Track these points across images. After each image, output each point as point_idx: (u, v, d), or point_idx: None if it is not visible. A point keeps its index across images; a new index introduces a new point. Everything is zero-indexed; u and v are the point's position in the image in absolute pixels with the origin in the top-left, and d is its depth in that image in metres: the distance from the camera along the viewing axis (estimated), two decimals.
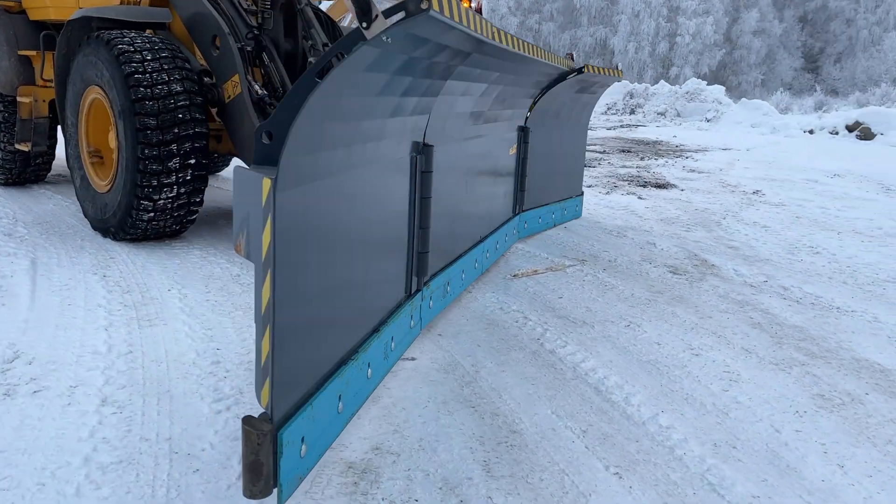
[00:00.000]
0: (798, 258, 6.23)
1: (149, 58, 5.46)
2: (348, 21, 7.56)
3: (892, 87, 48.92)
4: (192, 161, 5.50)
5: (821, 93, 52.48)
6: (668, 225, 7.46)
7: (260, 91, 5.65)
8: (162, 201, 5.47)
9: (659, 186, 9.93)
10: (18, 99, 7.46)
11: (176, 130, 5.38)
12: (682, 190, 9.71)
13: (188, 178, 5.51)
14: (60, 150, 7.10)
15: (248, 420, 2.18)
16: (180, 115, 5.40)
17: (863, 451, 3.01)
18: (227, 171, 9.54)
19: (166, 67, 5.49)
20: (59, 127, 7.26)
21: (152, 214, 5.52)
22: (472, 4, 6.98)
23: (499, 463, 2.81)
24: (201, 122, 5.59)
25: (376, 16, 2.28)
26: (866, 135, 17.58)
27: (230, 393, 3.29)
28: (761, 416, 3.28)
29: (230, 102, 5.78)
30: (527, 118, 6.01)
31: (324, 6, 7.40)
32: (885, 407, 3.42)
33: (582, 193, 7.57)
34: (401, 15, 2.28)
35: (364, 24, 2.30)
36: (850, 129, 17.95)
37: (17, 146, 7.54)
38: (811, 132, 18.39)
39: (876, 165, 12.13)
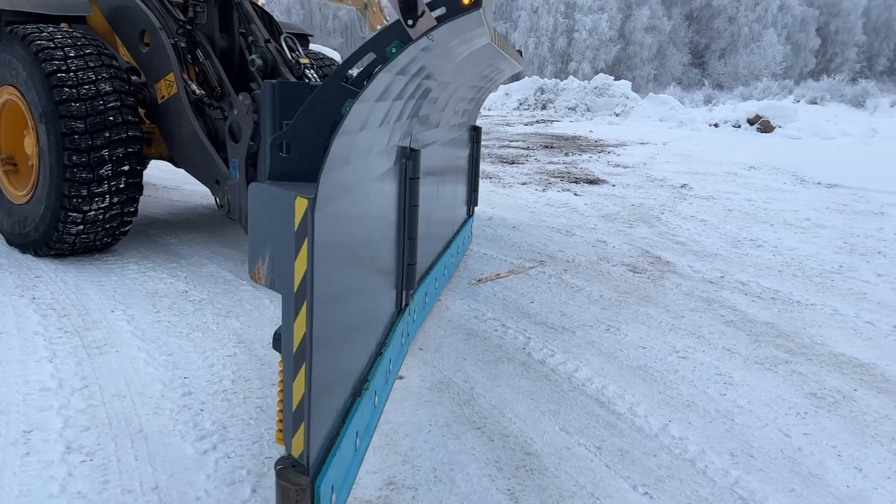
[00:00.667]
0: (744, 251, 6.35)
1: (72, 55, 4.97)
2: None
3: (772, 81, 51.85)
4: (126, 168, 5.05)
5: (709, 87, 54.98)
6: (611, 221, 7.48)
7: (198, 91, 5.25)
8: (93, 212, 4.99)
9: (591, 182, 9.99)
10: None
11: (107, 134, 4.91)
12: (614, 185, 9.81)
13: (121, 186, 5.05)
14: None
15: (283, 474, 1.91)
16: (111, 118, 4.94)
17: (873, 451, 3.01)
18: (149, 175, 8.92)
19: (92, 65, 5.01)
20: None
21: (81, 227, 5.03)
22: None
23: (524, 491, 2.63)
24: (134, 125, 5.14)
25: (422, 12, 2.04)
26: (766, 127, 18.42)
27: (212, 428, 2.97)
28: (766, 421, 3.24)
29: (164, 103, 5.35)
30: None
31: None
32: (877, 403, 3.45)
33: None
34: (441, 11, 2.06)
35: (409, 22, 2.05)
36: (751, 122, 18.76)
37: None
38: (716, 125, 19.11)
39: (784, 157, 12.66)
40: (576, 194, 9.02)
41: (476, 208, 6.22)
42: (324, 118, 2.18)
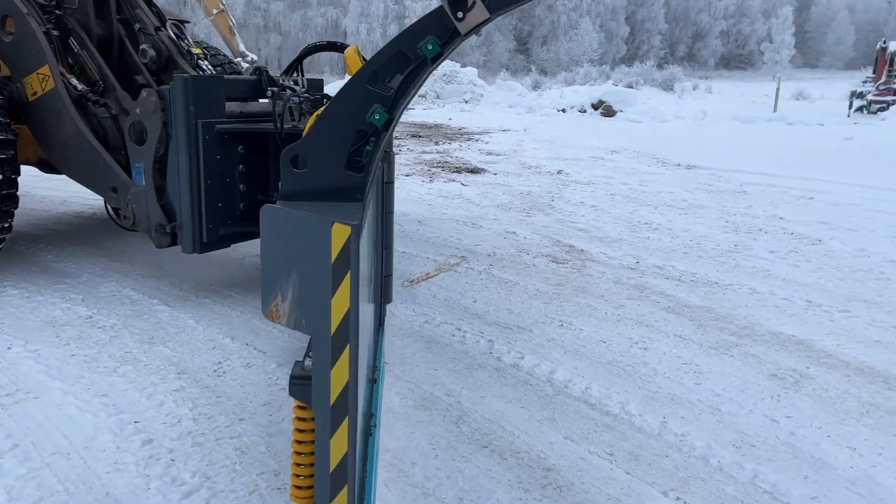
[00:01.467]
0: (644, 235, 6.56)
1: None
2: None
3: (591, 67, 54.86)
4: None
5: (535, 73, 57.31)
6: (508, 211, 7.48)
7: (79, 86, 4.60)
8: None
9: (472, 171, 9.98)
10: None
11: None
12: (495, 174, 9.85)
13: None
14: None
15: None
16: None
17: (853, 429, 3.15)
18: None
19: None
20: None
21: None
22: None
23: None
24: (4, 128, 4.43)
25: (473, 4, 1.79)
26: (609, 112, 19.40)
27: (195, 482, 2.58)
28: (748, 407, 3.30)
29: (37, 100, 4.66)
30: None
31: None
32: (832, 379, 3.64)
33: None
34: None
35: (459, 15, 1.79)
36: (595, 107, 19.68)
37: None
38: (563, 111, 19.87)
39: (638, 141, 13.35)
40: (463, 184, 8.96)
41: None
42: (346, 126, 1.88)
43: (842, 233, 6.70)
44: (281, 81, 4.32)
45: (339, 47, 4.43)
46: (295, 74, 4.59)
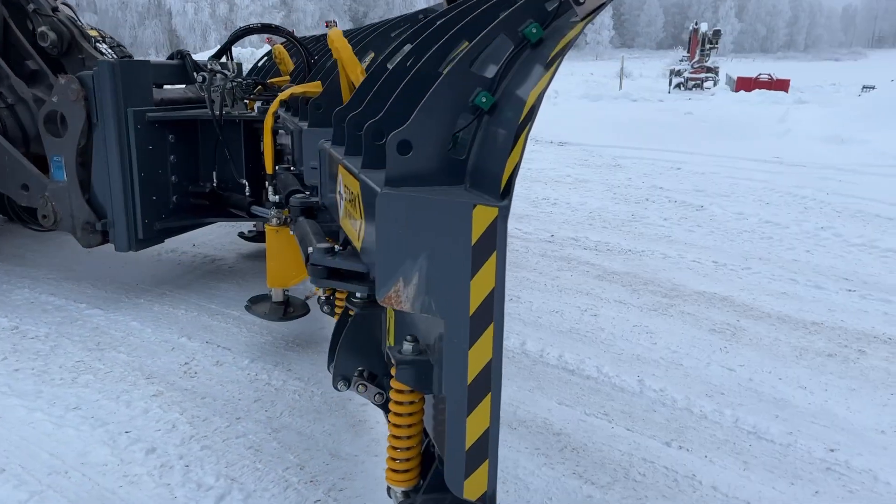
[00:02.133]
0: (547, 210, 6.86)
1: None
2: None
3: None
4: None
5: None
6: None
7: None
8: None
9: None
10: None
11: None
12: None
13: None
14: None
15: None
16: None
17: (796, 370, 3.53)
18: None
19: None
20: None
21: None
22: None
23: (587, 471, 2.65)
24: None
25: None
26: None
27: (222, 484, 2.48)
28: (704, 361, 3.61)
29: None
30: None
31: None
32: (762, 329, 4.04)
33: None
34: None
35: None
36: None
37: None
38: None
39: None
40: None
41: None
42: (451, 110, 1.84)
43: (717, 199, 7.35)
44: (210, 66, 4.11)
45: (274, 30, 4.29)
46: (224, 58, 4.39)
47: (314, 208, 2.88)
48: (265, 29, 4.31)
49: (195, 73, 4.18)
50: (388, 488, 1.97)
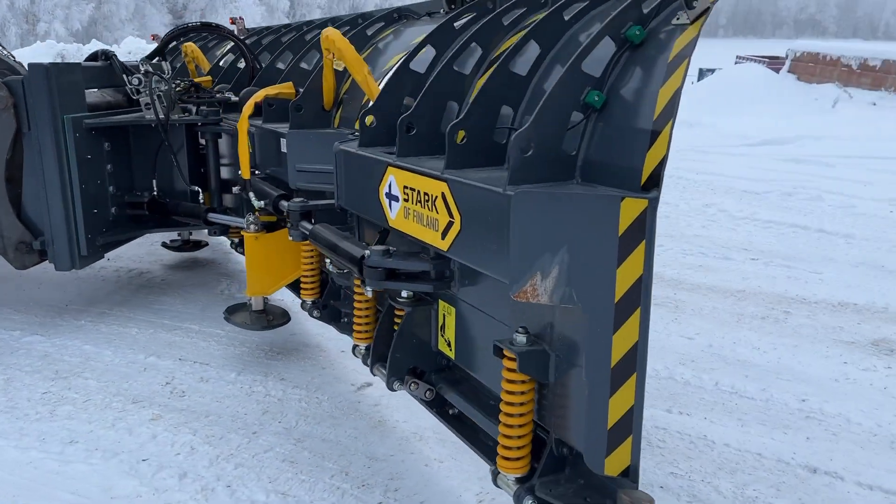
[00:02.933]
0: None
1: None
2: None
3: None
4: None
5: None
6: None
7: None
8: None
9: None
10: None
11: None
12: None
13: None
14: None
15: (630, 497, 1.78)
16: None
17: (742, 334, 3.91)
18: None
19: None
20: None
21: None
22: None
23: None
24: None
25: None
26: None
27: (275, 499, 2.42)
28: (664, 332, 3.91)
29: None
30: None
31: None
32: (698, 299, 4.42)
33: None
34: None
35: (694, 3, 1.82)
36: None
37: None
38: None
39: None
40: None
41: None
42: (567, 110, 1.91)
43: None
44: (143, 67, 3.86)
45: (214, 28, 4.09)
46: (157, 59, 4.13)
47: (326, 211, 2.85)
48: (205, 28, 4.10)
49: (126, 76, 3.92)
50: (496, 477, 2.03)
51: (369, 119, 2.51)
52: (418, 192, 2.13)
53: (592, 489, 1.93)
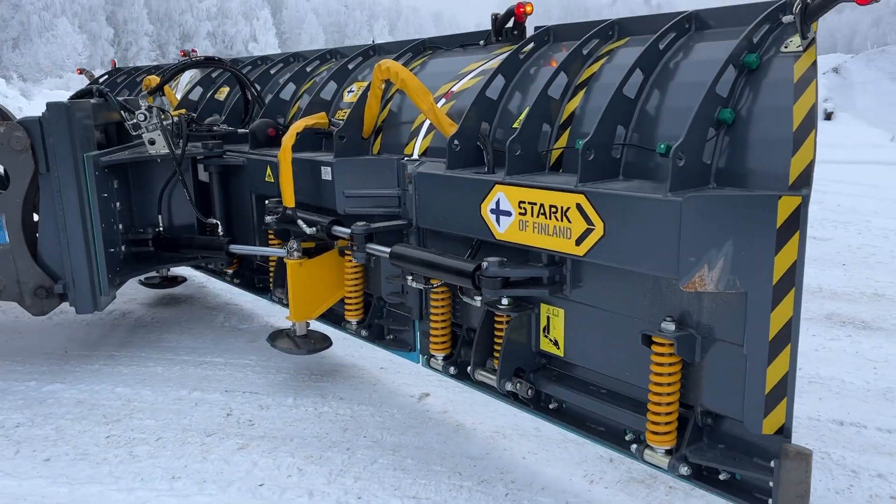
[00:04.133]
0: None
1: None
2: None
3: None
4: None
5: (18, 80, 51.28)
6: None
7: None
8: None
9: None
10: None
11: None
12: None
13: None
14: None
15: (792, 450, 2.00)
16: None
17: None
18: None
19: None
20: None
21: None
22: None
23: None
24: None
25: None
26: None
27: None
28: None
29: None
30: None
31: None
32: None
33: None
34: None
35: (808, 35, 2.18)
36: None
37: None
38: None
39: None
40: None
41: None
42: (705, 126, 2.21)
43: None
44: (144, 104, 3.79)
45: (217, 62, 4.10)
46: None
47: (394, 232, 2.99)
48: (208, 62, 4.09)
49: (125, 112, 3.84)
50: (642, 453, 2.26)
51: (455, 144, 2.73)
52: (541, 205, 2.36)
53: (736, 451, 2.20)
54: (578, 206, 2.25)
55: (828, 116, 17.02)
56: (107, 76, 5.90)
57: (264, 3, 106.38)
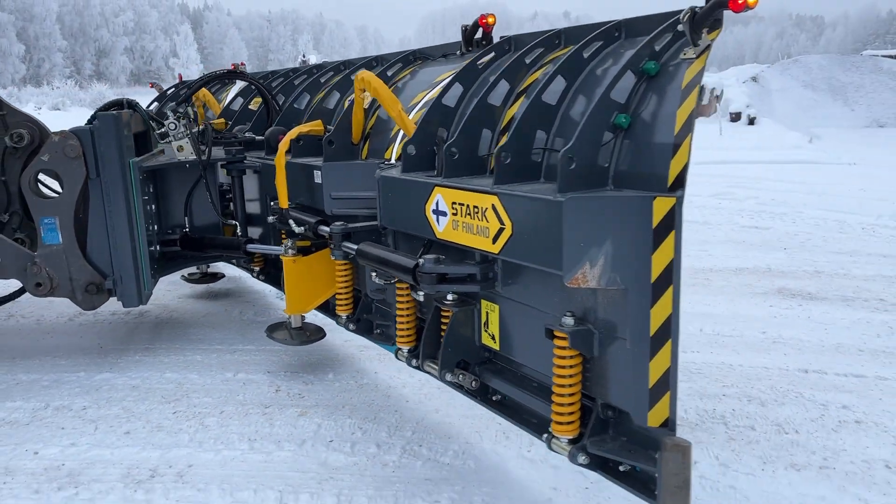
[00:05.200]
0: None
1: None
2: None
3: None
4: None
5: None
6: None
7: None
8: None
9: None
10: None
11: None
12: None
13: None
14: None
15: (671, 441, 2.02)
16: None
17: (689, 296, 5.01)
18: None
19: None
20: None
21: None
22: None
23: None
24: None
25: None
26: None
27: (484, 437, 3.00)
28: None
29: None
30: None
31: None
32: None
33: None
34: None
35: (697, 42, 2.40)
36: None
37: None
38: None
39: None
40: None
41: None
42: (600, 131, 2.53)
43: None
44: (173, 112, 4.11)
45: (239, 75, 4.44)
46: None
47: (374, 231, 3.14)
48: (231, 74, 4.42)
49: (153, 122, 4.16)
50: (550, 441, 2.38)
51: (410, 148, 2.83)
52: (467, 206, 2.47)
53: (635, 443, 2.26)
54: (493, 207, 2.35)
55: (751, 122, 18.21)
56: (173, 88, 6.26)
57: (184, 18, 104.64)
